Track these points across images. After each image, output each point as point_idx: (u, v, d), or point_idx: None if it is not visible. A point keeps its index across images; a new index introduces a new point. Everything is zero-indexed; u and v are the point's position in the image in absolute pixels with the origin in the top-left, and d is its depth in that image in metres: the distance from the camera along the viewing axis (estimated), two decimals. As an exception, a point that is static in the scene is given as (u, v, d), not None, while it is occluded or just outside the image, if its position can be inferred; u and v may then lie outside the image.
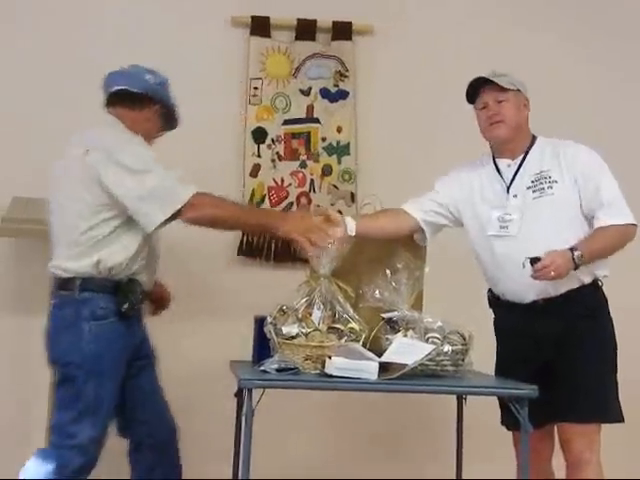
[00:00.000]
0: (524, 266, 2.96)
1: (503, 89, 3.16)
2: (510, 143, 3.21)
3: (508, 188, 3.18)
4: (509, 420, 3.07)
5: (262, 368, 2.82)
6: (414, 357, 2.82)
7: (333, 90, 4.21)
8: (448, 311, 3.25)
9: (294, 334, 2.92)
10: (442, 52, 4.25)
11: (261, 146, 4.16)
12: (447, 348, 2.90)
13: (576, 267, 2.99)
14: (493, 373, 3.34)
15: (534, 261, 2.95)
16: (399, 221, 3.30)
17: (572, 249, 2.98)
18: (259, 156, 4.15)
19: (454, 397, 3.38)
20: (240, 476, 2.76)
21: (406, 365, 2.79)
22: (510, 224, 3.12)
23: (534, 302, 3.11)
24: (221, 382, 3.36)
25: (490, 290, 3.30)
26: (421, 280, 3.11)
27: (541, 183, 3.12)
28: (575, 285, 3.10)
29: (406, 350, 2.85)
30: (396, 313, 3.01)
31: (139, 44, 4.08)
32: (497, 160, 3.24)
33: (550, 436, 3.21)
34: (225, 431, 3.38)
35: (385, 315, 3.03)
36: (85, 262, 2.93)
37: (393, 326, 3.01)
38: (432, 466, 3.94)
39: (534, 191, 3.13)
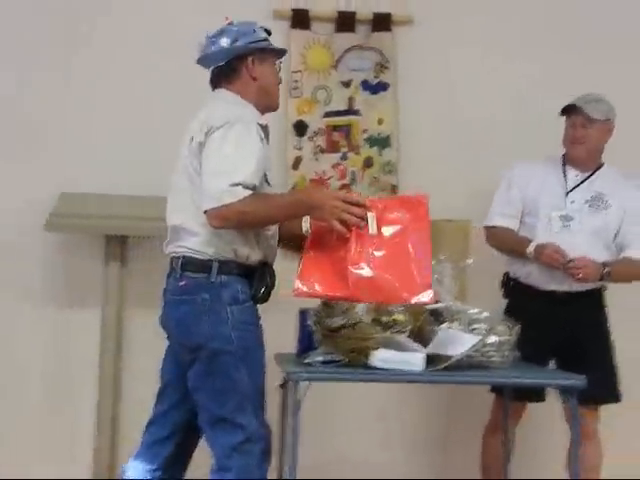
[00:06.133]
0: (568, 262, 3.38)
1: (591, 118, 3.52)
2: (584, 163, 3.59)
3: (568, 193, 3.56)
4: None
5: (307, 360, 2.83)
6: (460, 348, 2.81)
7: (374, 82, 4.20)
8: (490, 303, 3.23)
9: (338, 326, 2.92)
10: (483, 42, 4.21)
11: (302, 139, 4.16)
12: (493, 339, 2.89)
13: (600, 279, 3.45)
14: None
15: (569, 261, 3.37)
16: None
17: (605, 264, 3.42)
18: (300, 149, 4.16)
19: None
20: (287, 468, 2.77)
21: (452, 356, 2.79)
22: (572, 222, 3.50)
23: (553, 291, 3.49)
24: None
25: (507, 275, 3.64)
26: (465, 272, 3.10)
27: (599, 203, 3.54)
28: (591, 287, 3.51)
29: (452, 341, 2.85)
30: (440, 304, 3.01)
31: (181, 38, 4.09)
32: (567, 167, 3.60)
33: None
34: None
35: (429, 306, 3.02)
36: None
37: (438, 317, 3.00)
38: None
39: (590, 206, 3.54)
